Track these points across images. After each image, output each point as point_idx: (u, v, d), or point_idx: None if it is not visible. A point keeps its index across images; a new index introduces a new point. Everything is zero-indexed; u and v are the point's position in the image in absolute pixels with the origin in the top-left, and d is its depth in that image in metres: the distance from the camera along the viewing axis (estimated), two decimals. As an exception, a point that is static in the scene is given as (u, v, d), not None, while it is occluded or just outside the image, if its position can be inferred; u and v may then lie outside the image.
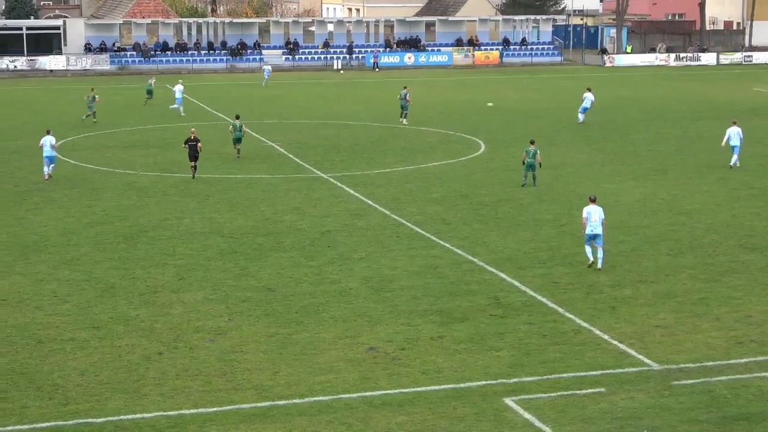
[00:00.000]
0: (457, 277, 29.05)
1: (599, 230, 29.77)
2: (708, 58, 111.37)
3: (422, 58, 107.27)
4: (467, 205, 38.37)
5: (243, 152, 48.69)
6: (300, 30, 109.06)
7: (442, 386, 21.25)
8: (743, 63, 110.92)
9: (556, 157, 49.16)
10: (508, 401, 20.45)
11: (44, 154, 42.89)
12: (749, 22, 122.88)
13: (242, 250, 32.02)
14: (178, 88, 65.48)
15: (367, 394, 20.84)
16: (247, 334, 24.38)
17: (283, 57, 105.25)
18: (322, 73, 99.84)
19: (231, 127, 49.14)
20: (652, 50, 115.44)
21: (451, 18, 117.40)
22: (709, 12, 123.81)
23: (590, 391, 20.97)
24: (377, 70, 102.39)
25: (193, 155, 43.46)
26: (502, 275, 29.18)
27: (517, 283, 28.38)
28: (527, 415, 19.78)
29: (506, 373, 21.90)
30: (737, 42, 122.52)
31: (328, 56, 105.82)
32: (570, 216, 36.46)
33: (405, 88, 63.24)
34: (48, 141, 42.77)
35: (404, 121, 61.08)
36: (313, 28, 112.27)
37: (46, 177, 43.03)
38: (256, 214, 36.97)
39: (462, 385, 21.33)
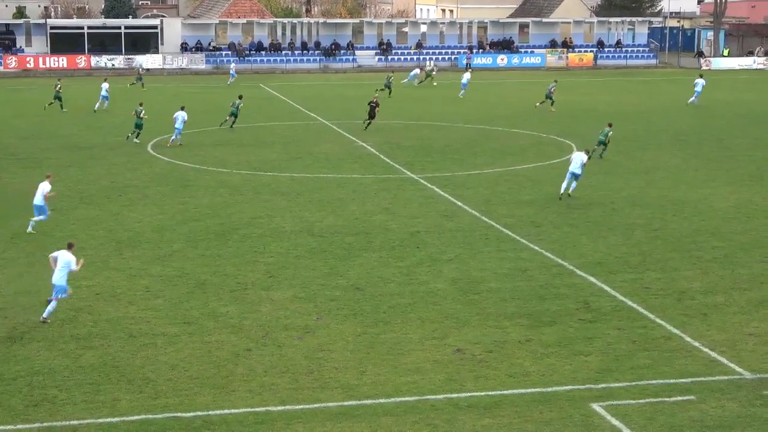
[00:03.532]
0: (546, 280, 28.87)
1: (579, 171, 38.88)
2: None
3: (515, 60, 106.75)
4: (558, 208, 38.09)
5: (334, 151, 48.85)
6: (393, 31, 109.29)
7: (529, 390, 21.14)
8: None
9: (649, 161, 48.60)
10: (596, 407, 20.26)
11: (175, 126, 51.80)
12: None
13: (331, 249, 32.19)
14: (104, 86, 68.54)
15: (453, 395, 20.82)
16: (335, 332, 24.51)
17: (376, 57, 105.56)
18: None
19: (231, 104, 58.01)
20: (750, 54, 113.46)
21: (545, 19, 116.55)
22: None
23: (679, 398, 20.69)
24: (470, 71, 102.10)
25: (372, 114, 57.15)
26: (592, 279, 28.92)
27: (606, 288, 28.11)
28: (615, 422, 19.58)
29: (594, 379, 21.71)
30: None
31: (421, 57, 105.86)
32: (663, 221, 36.01)
33: (555, 81, 70.59)
34: (180, 116, 51.77)
35: (539, 104, 67.59)
36: (406, 29, 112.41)
37: (170, 144, 51.87)
38: (346, 213, 37.15)
39: (549, 389, 21.19)
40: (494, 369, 22.27)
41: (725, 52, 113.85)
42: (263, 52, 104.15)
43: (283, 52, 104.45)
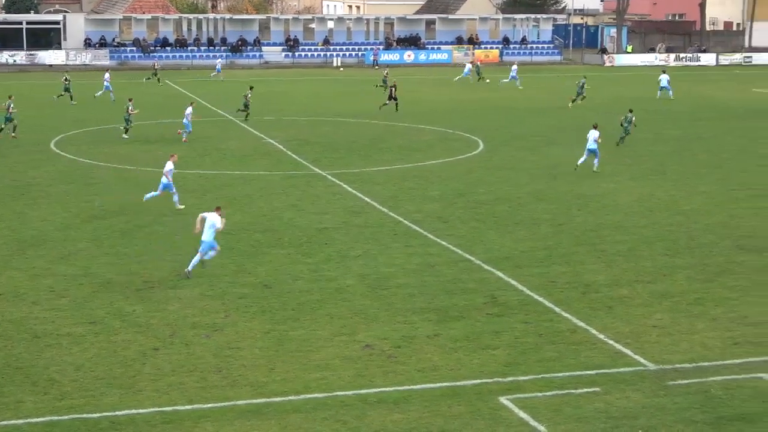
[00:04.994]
0: (454, 275, 29.05)
1: (594, 146, 43.52)
2: (707, 59, 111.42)
3: (422, 56, 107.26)
4: (465, 204, 38.37)
5: (240, 149, 48.61)
6: (300, 27, 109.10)
7: (438, 384, 21.25)
8: (743, 64, 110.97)
9: (554, 156, 49.20)
10: (504, 400, 20.44)
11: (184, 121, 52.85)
12: (749, 22, 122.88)
13: (239, 246, 32.01)
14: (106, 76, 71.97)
15: (363, 391, 20.84)
16: (243, 330, 24.38)
17: (283, 54, 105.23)
18: (322, 70, 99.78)
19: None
20: (652, 50, 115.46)
21: (451, 16, 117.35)
22: (710, 12, 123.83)
23: (586, 390, 20.96)
24: (377, 67, 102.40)
25: (392, 96, 64.67)
26: (499, 274, 29.18)
27: (514, 282, 28.38)
28: (522, 414, 19.77)
29: (502, 372, 21.90)
30: (737, 43, 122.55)
31: (328, 53, 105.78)
32: (568, 215, 36.48)
33: (584, 77, 71.83)
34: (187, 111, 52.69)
35: (575, 102, 68.61)
36: (313, 25, 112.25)
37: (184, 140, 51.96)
38: (253, 210, 36.98)
39: (457, 383, 21.32)
40: (403, 364, 22.35)
41: (629, 49, 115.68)
42: (168, 48, 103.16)
43: (189, 48, 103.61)
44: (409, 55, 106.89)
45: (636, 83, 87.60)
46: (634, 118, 52.29)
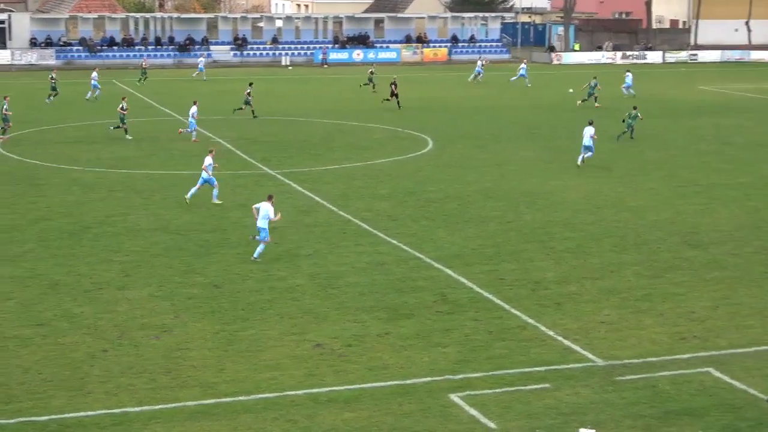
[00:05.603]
0: (404, 273, 29.11)
1: (589, 143, 45.06)
2: (654, 57, 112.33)
3: (371, 55, 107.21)
4: (414, 202, 38.44)
5: (189, 148, 48.40)
6: (248, 26, 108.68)
7: (388, 382, 21.28)
8: (689, 61, 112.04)
9: (502, 154, 49.45)
10: (454, 397, 20.52)
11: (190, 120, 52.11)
12: (695, 21, 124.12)
13: (188, 246, 31.86)
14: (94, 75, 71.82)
15: (313, 390, 20.83)
16: (193, 331, 24.27)
17: (232, 53, 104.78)
18: (271, 69, 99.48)
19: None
20: (599, 48, 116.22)
21: (399, 15, 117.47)
22: (656, 11, 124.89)
23: (535, 386, 21.10)
24: (326, 66, 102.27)
25: (392, 93, 65.83)
26: (449, 272, 29.27)
27: (463, 280, 28.48)
28: (473, 411, 19.86)
29: (452, 369, 21.98)
30: (683, 41, 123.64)
31: (277, 52, 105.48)
32: (517, 213, 36.67)
33: (595, 78, 71.15)
34: (192, 110, 51.94)
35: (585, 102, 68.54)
36: (261, 24, 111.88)
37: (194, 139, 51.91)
38: (202, 210, 36.80)
39: (408, 381, 21.37)
40: (354, 363, 22.36)
41: (576, 47, 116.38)
42: (116, 48, 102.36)
43: (137, 47, 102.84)
44: (358, 54, 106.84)
45: (583, 81, 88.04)
46: (639, 114, 53.98)
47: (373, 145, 52.32)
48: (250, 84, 63.47)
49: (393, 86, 67.19)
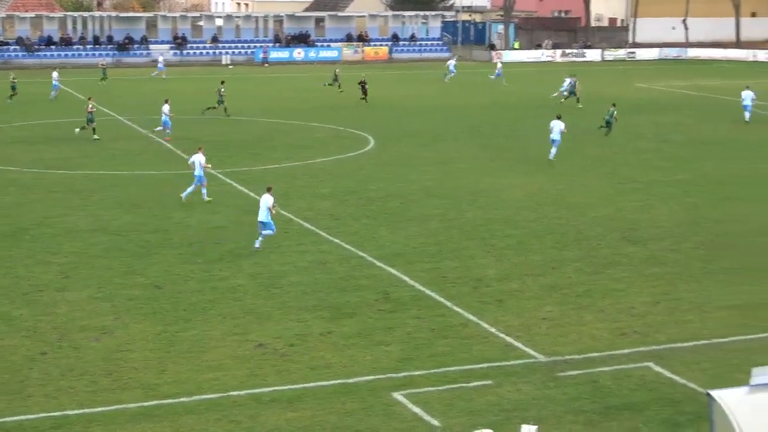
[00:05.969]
0: (347, 272, 29.08)
1: (558, 137, 45.45)
2: (593, 55, 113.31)
3: (312, 54, 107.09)
4: (356, 201, 38.43)
5: (130, 147, 48.04)
6: (188, 25, 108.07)
7: (331, 382, 21.24)
8: (627, 59, 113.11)
9: (444, 152, 49.58)
10: (397, 395, 20.52)
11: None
12: (633, 19, 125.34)
13: (128, 247, 31.59)
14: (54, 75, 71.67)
15: (256, 390, 20.74)
16: (134, 332, 24.06)
17: (171, 52, 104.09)
18: (211, 68, 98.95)
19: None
20: (539, 47, 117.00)
21: (340, 13, 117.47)
22: (594, 9, 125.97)
23: (478, 383, 21.16)
24: (266, 65, 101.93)
25: (363, 90, 68.01)
26: (391, 270, 29.29)
27: (405, 278, 28.51)
28: (416, 409, 19.87)
29: (395, 368, 21.99)
30: (621, 38, 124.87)
31: (217, 51, 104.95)
32: (459, 211, 36.78)
33: (573, 76, 71.10)
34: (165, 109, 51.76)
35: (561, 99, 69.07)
36: (201, 23, 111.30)
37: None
38: (143, 210, 36.52)
39: (351, 380, 21.35)
40: (296, 362, 22.30)
41: (516, 45, 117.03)
42: (53, 47, 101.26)
43: (75, 46, 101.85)
44: (299, 53, 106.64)
45: (523, 79, 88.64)
46: (615, 112, 54.54)
47: (314, 144, 52.23)
48: (222, 82, 63.44)
49: (362, 84, 68.98)
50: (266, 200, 30.79)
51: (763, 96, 66.75)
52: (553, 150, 46.11)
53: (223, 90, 61.93)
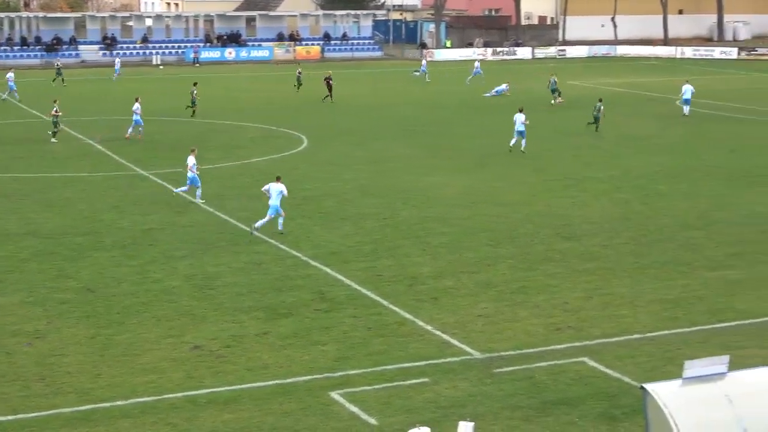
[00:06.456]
0: (282, 272, 29.01)
1: (522, 128, 47.81)
2: (524, 53, 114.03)
3: (243, 53, 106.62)
4: (291, 200, 38.23)
5: (58, 150, 47.49)
6: (117, 25, 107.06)
7: (268, 382, 21.18)
8: (557, 57, 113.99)
9: (379, 151, 49.64)
10: (334, 395, 20.52)
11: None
12: (562, 17, 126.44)
13: (60, 250, 31.21)
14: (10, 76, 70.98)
15: (192, 393, 20.61)
16: (67, 336, 23.79)
17: (101, 52, 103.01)
18: (141, 69, 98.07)
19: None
20: (470, 45, 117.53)
21: (271, 13, 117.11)
22: (524, 7, 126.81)
23: (414, 381, 21.22)
24: (198, 65, 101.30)
25: (328, 86, 68.75)
26: (327, 269, 29.27)
27: (341, 277, 28.51)
28: (353, 408, 19.89)
29: (332, 367, 21.98)
30: (551, 36, 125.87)
31: (147, 51, 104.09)
32: (393, 209, 36.85)
33: (554, 75, 72.26)
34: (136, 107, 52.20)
35: (558, 100, 69.44)
36: (131, 23, 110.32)
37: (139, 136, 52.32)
38: (74, 213, 36.11)
39: (288, 380, 21.31)
40: (233, 364, 22.20)
41: (448, 44, 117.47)
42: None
43: (2, 48, 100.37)
44: (230, 53, 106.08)
45: (454, 78, 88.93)
46: (602, 107, 55.70)
47: (248, 144, 52.01)
48: (195, 84, 62.92)
49: (328, 81, 69.57)
50: (279, 188, 32.84)
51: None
52: (516, 140, 48.38)
53: (195, 91, 61.29)
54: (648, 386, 15.62)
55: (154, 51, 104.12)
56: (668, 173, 44.01)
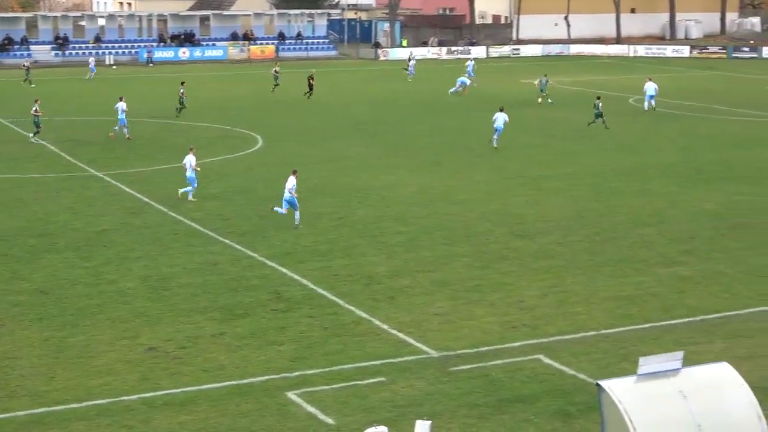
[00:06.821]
0: (238, 272, 28.92)
1: (501, 126, 48.98)
2: (478, 52, 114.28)
3: (197, 53, 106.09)
4: (246, 201, 38.23)
5: (8, 151, 47.01)
6: (70, 24, 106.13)
7: (225, 383, 21.13)
8: (511, 56, 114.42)
9: (335, 151, 49.60)
10: (291, 395, 20.50)
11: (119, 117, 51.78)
12: (516, 16, 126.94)
13: (13, 252, 30.93)
14: None
15: (148, 395, 20.51)
16: (20, 339, 23.59)
17: (53, 52, 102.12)
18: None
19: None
20: (425, 44, 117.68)
21: (225, 12, 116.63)
22: (479, 6, 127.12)
23: (371, 381, 21.25)
24: (151, 65, 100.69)
25: (309, 85, 70.23)
26: (283, 269, 29.22)
27: (297, 277, 28.48)
28: (310, 408, 19.88)
29: (288, 367, 21.96)
30: (505, 35, 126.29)
31: (100, 51, 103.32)
32: (349, 209, 36.84)
33: (545, 75, 71.21)
34: (120, 107, 51.73)
35: (539, 100, 68.50)
36: (83, 23, 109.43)
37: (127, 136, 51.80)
38: (27, 214, 35.79)
39: (244, 381, 21.26)
40: (189, 365, 22.11)
41: (403, 43, 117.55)
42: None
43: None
44: (184, 52, 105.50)
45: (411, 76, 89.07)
46: (601, 104, 55.97)
47: (203, 144, 51.71)
48: (182, 83, 62.69)
49: (310, 79, 71.11)
50: (290, 182, 33.64)
51: (638, 90, 68.27)
52: (495, 136, 49.52)
53: (182, 90, 61.05)
54: (603, 383, 15.74)
55: (107, 51, 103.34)
56: (622, 171, 44.33)
